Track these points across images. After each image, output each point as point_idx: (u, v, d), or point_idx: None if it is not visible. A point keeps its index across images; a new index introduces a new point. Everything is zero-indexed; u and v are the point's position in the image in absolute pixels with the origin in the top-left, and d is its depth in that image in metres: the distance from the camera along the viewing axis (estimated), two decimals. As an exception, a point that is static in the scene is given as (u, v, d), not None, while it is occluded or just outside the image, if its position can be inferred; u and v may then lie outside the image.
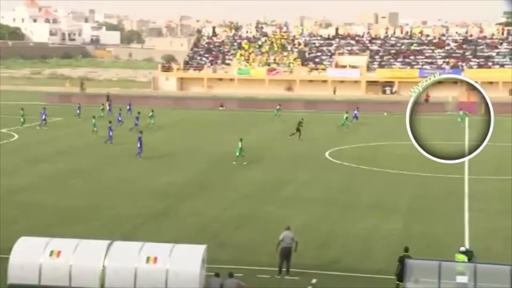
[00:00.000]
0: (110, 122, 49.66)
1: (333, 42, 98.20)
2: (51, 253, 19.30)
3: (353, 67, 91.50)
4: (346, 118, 58.09)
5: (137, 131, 46.42)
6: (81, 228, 27.06)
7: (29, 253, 19.38)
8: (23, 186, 34.77)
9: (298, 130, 51.62)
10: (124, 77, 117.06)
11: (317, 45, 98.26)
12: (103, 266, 19.10)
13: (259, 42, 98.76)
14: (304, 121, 53.20)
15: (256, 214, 30.23)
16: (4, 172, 38.16)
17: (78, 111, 61.70)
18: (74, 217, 29.15)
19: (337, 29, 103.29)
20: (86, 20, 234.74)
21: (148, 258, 19.16)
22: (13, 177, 37.05)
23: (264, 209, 30.97)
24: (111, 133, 47.77)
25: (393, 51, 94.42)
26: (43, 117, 56.10)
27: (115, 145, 47.51)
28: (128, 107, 63.86)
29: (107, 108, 64.45)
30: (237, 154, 41.26)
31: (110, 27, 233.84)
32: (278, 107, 66.42)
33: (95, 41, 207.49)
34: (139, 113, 56.33)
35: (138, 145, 42.75)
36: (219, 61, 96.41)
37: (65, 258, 19.22)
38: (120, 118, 57.13)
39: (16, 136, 49.11)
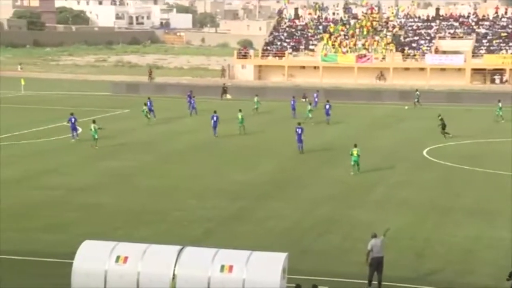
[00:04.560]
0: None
1: (433, 24, 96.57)
2: (118, 258, 19.63)
3: (456, 52, 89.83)
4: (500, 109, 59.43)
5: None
6: (147, 232, 27.72)
7: (93, 259, 19.78)
8: (84, 186, 35.79)
9: (443, 127, 50.41)
10: (196, 64, 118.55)
11: (414, 28, 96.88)
12: (174, 274, 19.36)
13: (348, 25, 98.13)
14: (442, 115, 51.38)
15: (342, 218, 30.20)
16: (64, 170, 39.47)
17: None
18: (139, 219, 29.85)
19: (437, 9, 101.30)
20: (155, 2, 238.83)
21: (222, 267, 19.23)
22: (74, 175, 38.24)
23: (351, 213, 30.91)
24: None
25: (504, 34, 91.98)
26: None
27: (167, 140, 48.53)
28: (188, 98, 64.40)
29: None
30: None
31: (181, 9, 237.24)
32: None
33: (165, 25, 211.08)
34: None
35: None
36: (301, 47, 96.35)
37: (133, 264, 19.54)
38: (195, 105, 61.82)
39: (80, 130, 50.60)
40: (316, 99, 65.81)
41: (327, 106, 58.22)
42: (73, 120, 48.29)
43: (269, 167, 40.84)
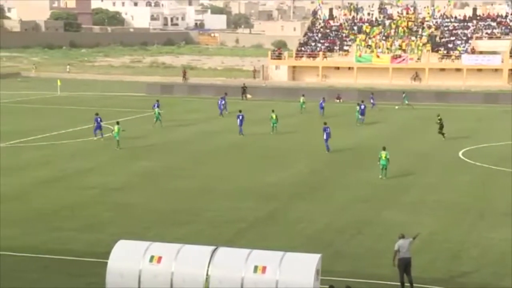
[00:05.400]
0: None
1: (469, 24, 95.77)
2: (152, 258, 19.81)
3: (494, 53, 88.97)
4: None
5: None
6: (179, 232, 27.95)
7: (128, 259, 19.99)
8: (119, 185, 36.16)
9: (440, 127, 50.35)
10: (230, 65, 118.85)
11: (450, 28, 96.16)
12: (207, 275, 19.48)
13: (383, 26, 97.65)
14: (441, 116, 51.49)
15: (375, 220, 30.15)
16: (100, 170, 39.91)
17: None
18: (171, 219, 30.07)
19: (474, 9, 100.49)
20: (190, 3, 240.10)
21: (256, 267, 19.29)
22: (109, 175, 38.65)
23: (384, 215, 30.84)
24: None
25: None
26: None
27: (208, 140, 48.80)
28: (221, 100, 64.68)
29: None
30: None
31: (216, 10, 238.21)
32: None
33: (199, 26, 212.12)
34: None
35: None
36: (336, 48, 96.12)
37: (167, 264, 19.71)
38: (221, 106, 62.45)
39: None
40: (372, 100, 65.53)
41: (362, 107, 58.10)
42: (98, 120, 49.08)
43: (301, 168, 40.88)
